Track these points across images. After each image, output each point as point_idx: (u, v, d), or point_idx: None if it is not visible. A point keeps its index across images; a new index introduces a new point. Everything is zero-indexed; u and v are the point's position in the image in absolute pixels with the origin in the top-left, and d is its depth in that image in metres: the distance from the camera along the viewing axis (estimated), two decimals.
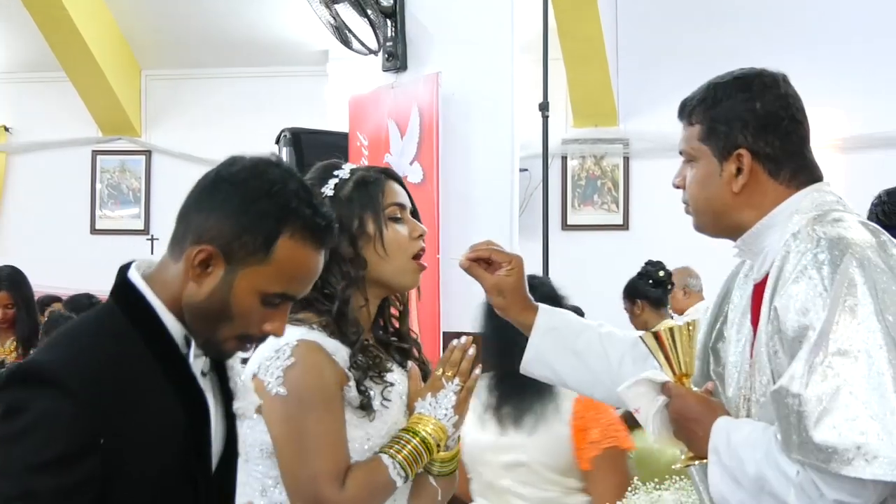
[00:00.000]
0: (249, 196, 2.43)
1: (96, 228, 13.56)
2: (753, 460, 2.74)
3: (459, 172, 7.11)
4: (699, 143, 3.02)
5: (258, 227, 2.40)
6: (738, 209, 2.97)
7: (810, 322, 2.67)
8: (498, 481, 4.68)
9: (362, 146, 7.50)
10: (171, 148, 13.36)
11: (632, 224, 12.29)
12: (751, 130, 2.94)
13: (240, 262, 2.40)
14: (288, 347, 3.05)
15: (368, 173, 3.29)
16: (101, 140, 13.51)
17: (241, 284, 2.41)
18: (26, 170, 13.68)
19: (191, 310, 2.43)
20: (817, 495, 2.63)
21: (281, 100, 12.32)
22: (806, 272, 2.71)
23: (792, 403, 2.63)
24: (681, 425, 2.96)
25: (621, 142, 12.26)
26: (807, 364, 2.63)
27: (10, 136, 13.74)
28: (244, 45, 12.51)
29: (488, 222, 7.22)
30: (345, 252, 3.17)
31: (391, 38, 7.37)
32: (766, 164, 2.94)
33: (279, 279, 2.42)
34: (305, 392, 3.01)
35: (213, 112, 13.10)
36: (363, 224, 3.20)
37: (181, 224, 2.49)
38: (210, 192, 2.48)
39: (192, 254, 2.41)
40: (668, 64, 11.89)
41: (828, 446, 2.57)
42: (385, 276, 3.22)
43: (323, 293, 3.15)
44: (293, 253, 2.42)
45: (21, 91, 13.56)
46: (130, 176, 13.57)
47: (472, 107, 7.19)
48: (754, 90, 2.98)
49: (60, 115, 13.30)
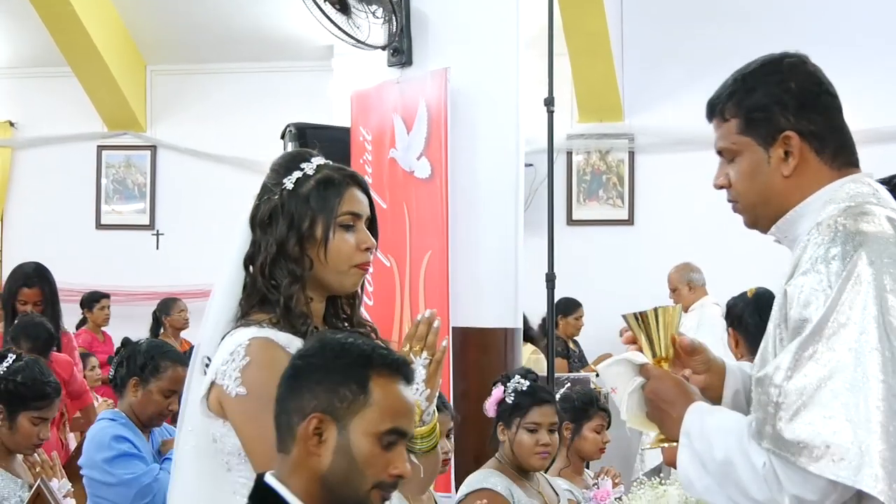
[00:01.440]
0: (330, 358, 2.65)
1: (101, 223, 13.58)
2: (723, 446, 2.74)
3: (465, 168, 7.11)
4: (739, 136, 2.94)
5: (348, 377, 2.61)
6: (790, 193, 2.91)
7: (809, 315, 2.65)
8: None
9: (366, 141, 7.50)
10: (176, 143, 13.38)
11: (637, 219, 12.29)
12: (791, 111, 2.89)
13: (346, 416, 2.60)
14: (241, 348, 3.06)
15: (333, 175, 3.25)
16: (106, 135, 13.53)
17: (355, 435, 2.59)
18: (31, 165, 13.71)
19: (325, 482, 2.61)
20: (777, 488, 2.63)
21: (286, 95, 12.33)
22: (816, 266, 2.68)
23: (773, 393, 2.63)
24: (655, 406, 2.96)
25: (626, 137, 12.26)
26: (795, 357, 2.62)
27: (16, 132, 13.76)
28: (249, 40, 12.52)
29: (493, 217, 7.23)
30: (291, 250, 3.18)
31: (396, 34, 7.37)
32: (811, 143, 2.89)
33: (385, 416, 2.61)
34: (264, 388, 2.97)
35: (218, 107, 13.11)
36: (313, 226, 3.18)
37: (282, 417, 2.69)
38: (294, 377, 2.68)
39: (304, 428, 2.60)
40: (673, 59, 11.90)
41: (799, 441, 2.57)
42: (326, 279, 3.22)
43: (270, 283, 3.17)
44: (387, 389, 2.63)
45: (26, 86, 13.58)
46: (136, 171, 13.58)
47: (477, 102, 7.19)
48: (784, 71, 2.93)
49: (65, 111, 13.32)
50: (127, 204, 13.60)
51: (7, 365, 4.94)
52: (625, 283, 11.72)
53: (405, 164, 7.23)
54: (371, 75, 7.63)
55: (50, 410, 5.06)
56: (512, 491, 5.01)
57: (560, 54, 9.40)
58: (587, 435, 5.87)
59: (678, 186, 11.95)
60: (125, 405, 5.69)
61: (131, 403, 5.67)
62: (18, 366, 4.99)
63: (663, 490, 4.07)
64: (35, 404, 4.96)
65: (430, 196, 6.97)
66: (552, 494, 5.28)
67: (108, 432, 5.60)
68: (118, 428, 5.60)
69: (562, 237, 7.92)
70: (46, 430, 5.05)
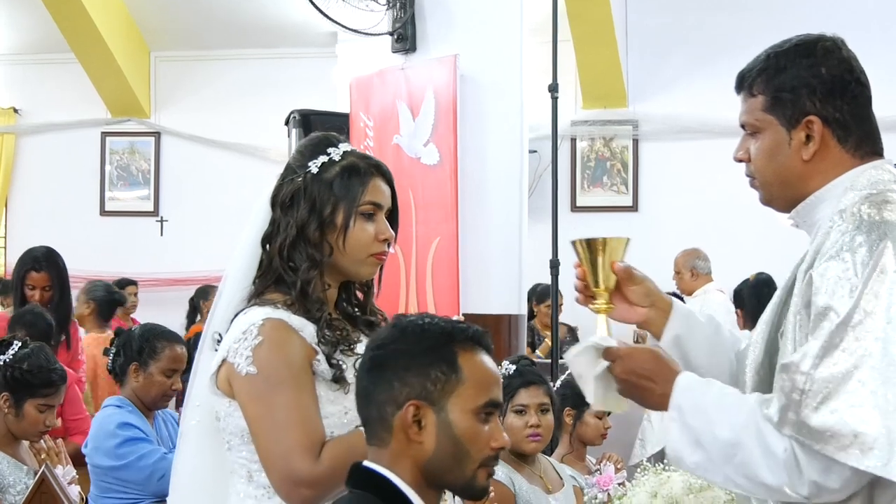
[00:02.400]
0: (412, 341, 2.61)
1: (106, 210, 13.58)
2: (729, 425, 2.71)
3: (470, 154, 7.13)
4: (763, 114, 2.92)
5: (437, 358, 2.59)
6: (808, 178, 2.89)
7: (834, 304, 2.63)
8: None
9: (367, 127, 7.50)
10: (180, 129, 13.38)
11: (641, 206, 12.28)
12: (818, 96, 2.86)
13: (443, 397, 2.58)
14: (254, 327, 3.05)
15: (359, 163, 3.24)
16: (110, 122, 13.53)
17: (455, 415, 2.58)
18: (35, 151, 13.71)
19: (431, 467, 2.59)
20: (797, 475, 2.61)
21: (290, 81, 12.33)
22: (841, 254, 2.66)
23: (798, 380, 2.60)
24: (632, 384, 2.92)
25: (630, 123, 12.25)
26: (823, 345, 2.60)
27: (20, 118, 13.77)
28: (253, 26, 12.52)
29: (498, 203, 7.24)
30: (311, 235, 3.17)
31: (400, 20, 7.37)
32: (835, 130, 2.87)
33: (480, 390, 2.60)
34: (273, 369, 3.01)
35: (223, 93, 13.12)
36: (334, 213, 3.17)
37: (371, 410, 2.65)
38: (378, 367, 2.64)
39: (402, 417, 2.57)
40: (677, 45, 11.88)
41: (826, 429, 2.55)
42: (343, 266, 3.21)
43: (288, 265, 3.17)
44: (475, 362, 2.62)
45: (30, 73, 13.59)
46: (140, 157, 13.59)
47: (481, 88, 7.20)
48: (818, 55, 2.90)
49: (69, 97, 13.31)
50: (131, 190, 13.61)
51: (13, 352, 4.95)
52: None
53: (410, 150, 7.24)
54: (375, 62, 7.63)
55: (56, 397, 5.07)
56: (512, 478, 4.99)
57: (564, 41, 9.38)
58: (589, 421, 5.86)
59: (682, 173, 11.95)
60: (128, 391, 5.70)
61: (134, 389, 5.68)
62: (24, 353, 4.99)
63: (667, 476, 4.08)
64: (41, 391, 4.97)
65: (437, 183, 6.98)
66: (556, 480, 5.27)
67: (114, 419, 5.61)
68: (124, 414, 5.62)
69: (566, 224, 7.91)
70: (52, 416, 5.06)
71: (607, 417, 5.96)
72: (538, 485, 5.12)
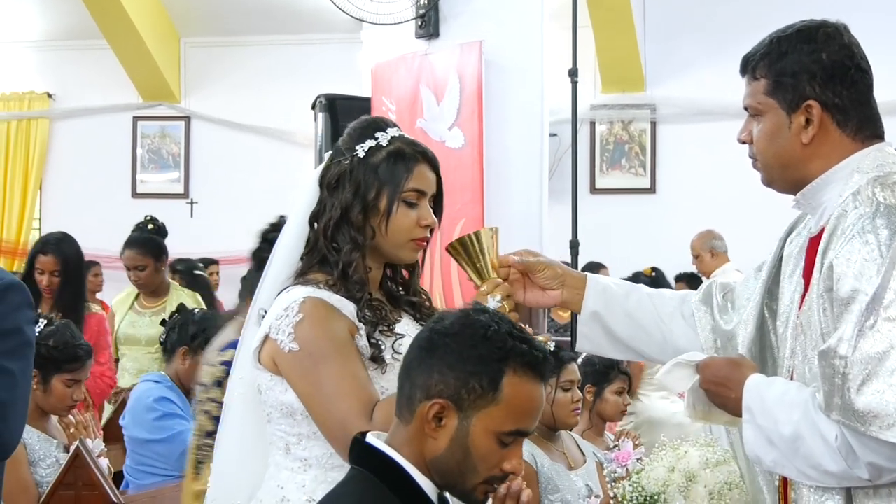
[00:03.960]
0: (468, 344, 2.48)
1: (137, 192, 13.62)
2: (790, 421, 2.71)
3: (492, 137, 7.13)
4: (765, 97, 2.92)
5: (483, 370, 2.46)
6: (807, 161, 2.89)
7: (862, 286, 2.62)
8: None
9: (389, 111, 7.49)
10: (209, 114, 13.40)
11: (659, 188, 12.27)
12: (818, 81, 2.86)
13: (471, 408, 2.46)
14: (296, 304, 3.05)
15: (405, 149, 3.21)
16: (141, 106, 13.56)
17: (476, 429, 2.47)
18: (69, 135, 13.75)
19: (435, 465, 2.51)
20: (853, 459, 2.61)
21: (316, 67, 12.33)
22: (863, 235, 2.66)
23: (838, 365, 2.59)
24: (714, 392, 2.94)
25: (648, 107, 12.24)
26: (856, 327, 2.59)
27: (53, 103, 13.81)
28: (280, 12, 12.52)
29: (519, 186, 7.24)
30: (355, 218, 3.16)
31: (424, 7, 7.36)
32: (834, 115, 2.86)
33: (510, 417, 2.47)
34: (316, 343, 3.01)
35: (251, 78, 13.12)
36: (378, 197, 3.15)
37: (405, 384, 2.56)
38: (428, 350, 2.53)
39: (425, 410, 2.48)
40: (694, 30, 11.85)
41: (869, 410, 2.54)
42: (384, 249, 3.20)
43: (331, 245, 3.16)
44: (519, 389, 2.47)
45: (63, 59, 13.61)
46: (170, 141, 13.62)
47: (504, 73, 7.19)
48: (819, 41, 2.89)
49: (102, 82, 13.35)
50: (162, 173, 13.65)
51: (39, 330, 4.95)
52: (646, 250, 11.73)
53: (435, 133, 7.23)
54: (399, 47, 7.63)
55: (82, 372, 5.07)
56: (534, 454, 4.99)
57: (583, 26, 9.36)
58: (608, 398, 5.86)
59: (699, 156, 11.93)
60: (171, 370, 5.73)
61: (177, 370, 5.70)
62: (50, 330, 5.00)
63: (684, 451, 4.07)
64: (68, 367, 4.98)
65: (462, 165, 6.98)
66: (579, 456, 5.27)
67: (153, 393, 5.64)
68: (162, 390, 5.65)
69: (585, 205, 7.92)
70: (80, 391, 5.07)
71: (626, 395, 5.96)
72: (560, 461, 5.11)
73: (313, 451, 3.11)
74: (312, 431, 3.09)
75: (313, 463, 3.11)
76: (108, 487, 4.78)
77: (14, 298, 3.48)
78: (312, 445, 3.11)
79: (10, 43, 13.68)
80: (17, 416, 3.50)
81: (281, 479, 3.13)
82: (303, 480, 3.10)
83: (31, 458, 4.80)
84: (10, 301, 3.47)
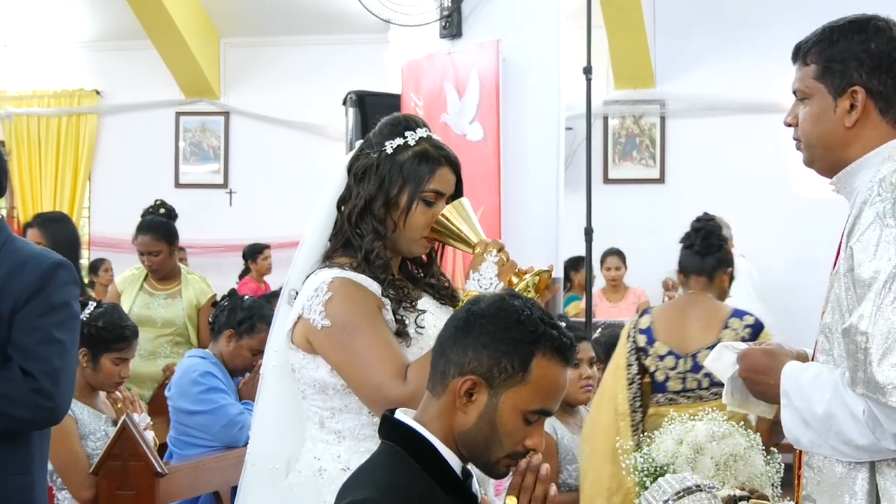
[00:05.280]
0: (502, 326, 2.50)
1: (180, 183, 13.64)
2: (822, 401, 2.70)
3: (511, 131, 7.12)
4: (814, 82, 2.90)
5: (514, 351, 2.48)
6: (848, 144, 2.87)
7: (882, 266, 2.61)
8: None
9: (417, 106, 7.50)
10: (247, 109, 13.42)
11: (667, 178, 12.25)
12: (866, 69, 2.84)
13: (501, 386, 2.49)
14: (325, 284, 3.08)
15: (431, 151, 3.22)
16: (183, 102, 13.58)
17: (504, 406, 2.49)
18: (116, 130, 13.78)
19: (463, 438, 2.52)
20: (880, 431, 2.60)
21: (346, 65, 12.31)
22: (884, 219, 2.64)
23: (860, 341, 2.58)
24: (753, 381, 2.94)
25: (658, 102, 12.22)
26: (875, 304, 2.58)
27: (102, 100, 13.83)
28: (313, 14, 12.52)
29: (536, 177, 7.24)
30: (377, 210, 3.17)
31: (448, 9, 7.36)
32: (878, 102, 2.85)
33: (537, 396, 2.50)
34: (346, 316, 3.04)
35: (285, 76, 13.13)
36: (400, 194, 3.17)
37: (440, 361, 2.57)
38: (464, 329, 2.54)
39: (458, 385, 2.50)
40: (701, 30, 11.81)
41: (889, 382, 2.53)
42: (398, 242, 3.22)
43: (355, 231, 3.18)
44: (547, 371, 2.50)
45: (111, 58, 13.64)
46: (210, 135, 13.63)
47: (521, 71, 7.18)
48: (869, 32, 2.88)
49: (146, 80, 13.37)
50: (202, 165, 13.67)
51: (89, 311, 4.97)
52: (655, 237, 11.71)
53: (457, 127, 7.24)
54: (424, 46, 7.62)
55: (129, 351, 5.09)
56: (555, 427, 4.99)
57: (597, 27, 9.35)
58: None
59: (706, 148, 11.91)
60: (217, 350, 5.73)
61: (222, 351, 5.71)
62: (99, 311, 5.02)
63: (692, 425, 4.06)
64: (115, 346, 4.99)
65: (481, 157, 6.98)
66: None
67: (198, 368, 5.65)
68: (208, 365, 5.65)
69: (598, 195, 7.91)
70: (126, 369, 5.08)
71: None
72: (578, 434, 5.12)
73: (346, 423, 3.13)
74: (344, 405, 3.12)
75: (346, 435, 3.13)
76: (152, 458, 4.80)
77: (63, 276, 3.56)
78: (345, 418, 3.13)
79: (62, 44, 13.71)
80: (67, 383, 3.56)
81: (317, 452, 3.16)
82: (337, 451, 3.13)
83: (81, 432, 4.81)
84: (60, 278, 3.55)
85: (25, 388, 3.42)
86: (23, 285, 3.49)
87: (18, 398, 3.42)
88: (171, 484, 4.98)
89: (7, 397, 3.41)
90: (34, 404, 3.43)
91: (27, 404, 3.42)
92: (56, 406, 3.49)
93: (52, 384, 3.45)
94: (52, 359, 3.47)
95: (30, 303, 3.49)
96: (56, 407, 3.49)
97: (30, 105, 13.89)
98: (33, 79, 13.88)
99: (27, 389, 3.42)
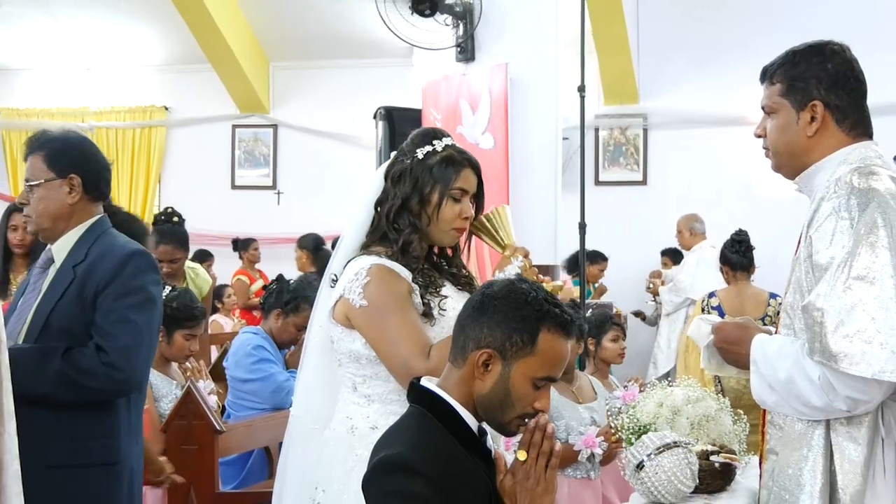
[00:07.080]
0: (513, 306, 2.52)
1: (235, 185, 13.65)
2: (785, 368, 2.72)
3: (517, 140, 7.13)
4: (779, 98, 2.92)
5: (523, 327, 2.51)
6: (810, 151, 2.89)
7: (836, 252, 2.64)
8: None
9: (436, 120, 7.49)
10: (292, 122, 13.42)
11: (649, 181, 12.23)
12: (824, 86, 2.87)
13: (513, 357, 2.50)
14: (364, 270, 3.10)
15: (455, 156, 3.25)
16: (238, 117, 13.58)
17: (516, 374, 2.51)
18: (181, 140, 13.80)
19: (481, 402, 2.54)
20: (833, 394, 2.62)
21: (376, 84, 12.29)
22: (839, 213, 2.67)
23: (817, 316, 2.61)
24: (727, 350, 2.97)
25: (641, 116, 12.19)
26: (830, 284, 2.61)
27: (170, 115, 13.85)
28: (348, 40, 12.51)
29: (538, 179, 7.25)
30: (413, 207, 3.20)
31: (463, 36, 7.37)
32: (835, 114, 2.87)
33: (544, 365, 2.52)
34: (380, 300, 3.05)
35: (325, 93, 13.14)
36: (432, 192, 3.20)
37: (460, 336, 2.58)
38: (480, 309, 2.56)
39: (476, 357, 2.52)
40: (679, 54, 11.79)
41: (840, 351, 2.56)
42: (432, 234, 3.24)
43: (392, 227, 3.20)
44: (552, 344, 2.52)
45: (177, 79, 13.65)
46: (261, 144, 13.63)
47: (526, 89, 7.19)
48: (826, 54, 2.91)
49: (207, 97, 13.37)
50: (255, 170, 13.66)
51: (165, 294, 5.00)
52: (639, 230, 11.75)
53: (471, 137, 7.23)
54: (442, 68, 7.62)
55: (198, 328, 5.11)
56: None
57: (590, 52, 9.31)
58: (606, 345, 5.81)
59: (682, 156, 11.91)
60: (267, 326, 5.75)
61: (271, 327, 5.72)
62: (173, 294, 5.04)
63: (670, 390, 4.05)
64: (187, 324, 5.01)
65: (492, 163, 6.97)
66: (591, 393, 5.25)
67: (251, 342, 5.67)
68: (259, 340, 5.68)
69: (591, 195, 7.88)
70: (196, 343, 5.10)
71: (622, 340, 5.93)
72: (569, 397, 5.10)
73: (375, 388, 3.14)
74: (374, 373, 3.13)
75: (375, 398, 3.14)
76: (212, 418, 4.82)
77: (139, 262, 3.55)
78: (375, 384, 3.14)
79: (136, 66, 13.73)
80: (140, 360, 3.53)
81: (349, 412, 3.17)
82: (367, 412, 3.14)
83: (155, 395, 4.85)
84: (136, 264, 3.54)
85: (97, 362, 3.42)
86: (103, 272, 3.49)
87: (92, 371, 3.41)
88: (228, 440, 5.01)
89: (83, 371, 3.41)
90: (106, 375, 3.42)
91: (99, 376, 3.42)
92: (127, 378, 3.47)
93: (122, 359, 3.44)
94: (125, 336, 3.46)
95: (108, 287, 3.48)
96: (127, 378, 3.48)
97: (109, 119, 13.90)
98: (112, 96, 13.90)
99: (99, 363, 3.41)
